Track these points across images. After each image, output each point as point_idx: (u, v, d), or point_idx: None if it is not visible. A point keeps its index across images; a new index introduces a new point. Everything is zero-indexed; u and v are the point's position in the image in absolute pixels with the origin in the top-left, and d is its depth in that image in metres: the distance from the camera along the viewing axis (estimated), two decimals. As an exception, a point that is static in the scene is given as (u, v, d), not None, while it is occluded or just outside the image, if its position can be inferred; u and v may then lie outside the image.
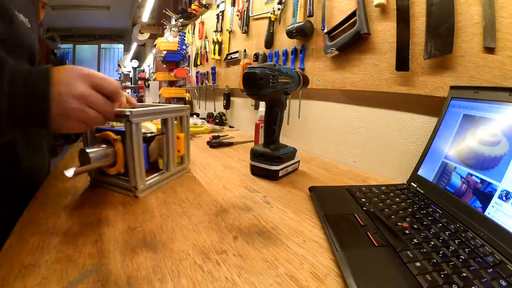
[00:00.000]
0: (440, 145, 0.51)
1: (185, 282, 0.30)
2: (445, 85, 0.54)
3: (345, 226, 0.39)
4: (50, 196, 0.50)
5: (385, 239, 0.36)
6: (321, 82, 0.84)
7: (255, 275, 0.31)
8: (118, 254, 0.34)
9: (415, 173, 0.54)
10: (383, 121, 0.69)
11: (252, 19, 1.18)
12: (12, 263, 0.32)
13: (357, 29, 0.67)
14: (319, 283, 0.30)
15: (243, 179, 0.63)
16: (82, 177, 0.60)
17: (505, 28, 0.45)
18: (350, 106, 0.78)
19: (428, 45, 0.54)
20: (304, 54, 0.89)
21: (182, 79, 2.36)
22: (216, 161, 0.78)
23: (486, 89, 0.45)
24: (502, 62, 0.46)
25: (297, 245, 0.37)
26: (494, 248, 0.34)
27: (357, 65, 0.72)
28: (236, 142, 1.03)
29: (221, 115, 1.50)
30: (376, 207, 0.45)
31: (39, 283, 0.29)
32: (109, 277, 0.30)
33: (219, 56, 1.51)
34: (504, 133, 0.39)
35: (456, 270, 0.30)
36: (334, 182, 0.63)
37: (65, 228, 0.39)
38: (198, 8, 1.72)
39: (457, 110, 0.49)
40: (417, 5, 0.57)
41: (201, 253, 0.35)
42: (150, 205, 0.48)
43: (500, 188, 0.37)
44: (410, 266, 0.30)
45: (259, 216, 0.45)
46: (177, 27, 2.24)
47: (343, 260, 0.32)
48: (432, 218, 0.41)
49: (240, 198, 0.51)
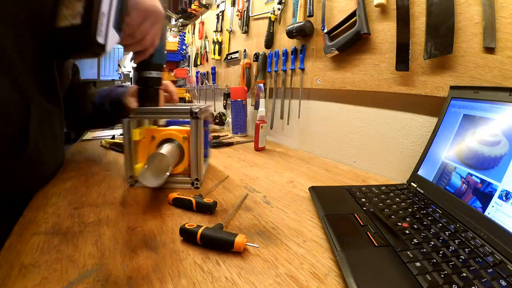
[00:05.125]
0: (440, 145, 0.51)
1: (185, 282, 0.30)
2: (445, 85, 0.54)
3: (345, 226, 0.39)
4: (50, 196, 0.50)
5: (385, 239, 0.36)
6: (321, 82, 0.84)
7: (255, 275, 0.31)
8: (118, 254, 0.34)
9: (415, 173, 0.54)
10: (383, 121, 0.69)
11: (252, 19, 1.18)
12: (12, 263, 0.32)
13: (357, 29, 0.67)
14: (319, 283, 0.30)
15: (243, 179, 0.63)
16: (82, 178, 0.61)
17: (505, 28, 0.45)
18: (350, 106, 0.78)
19: (428, 45, 0.54)
20: (304, 54, 0.89)
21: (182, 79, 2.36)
22: (216, 161, 0.78)
23: (486, 89, 0.45)
24: (502, 62, 0.46)
25: (297, 245, 0.37)
26: (494, 248, 0.34)
27: (357, 65, 0.72)
28: (236, 142, 1.03)
29: (221, 115, 1.50)
30: (376, 207, 0.45)
31: (39, 283, 0.29)
32: (109, 277, 0.30)
33: (219, 56, 1.51)
34: (504, 133, 0.39)
35: (456, 270, 0.30)
36: (334, 182, 0.63)
37: (65, 228, 0.39)
38: (198, 8, 1.72)
39: (457, 110, 0.49)
40: (417, 5, 0.57)
41: (201, 253, 0.35)
42: (150, 205, 0.48)
43: (500, 188, 0.37)
44: (410, 266, 0.30)
45: (259, 216, 0.45)
46: (177, 27, 2.24)
47: (343, 260, 0.32)
48: (432, 218, 0.41)
49: (240, 198, 0.51)
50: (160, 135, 0.54)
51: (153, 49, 0.49)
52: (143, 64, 0.51)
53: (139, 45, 0.46)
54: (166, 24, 0.50)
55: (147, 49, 0.48)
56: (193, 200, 0.45)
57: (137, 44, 0.46)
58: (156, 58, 0.51)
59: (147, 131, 0.54)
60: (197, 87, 1.87)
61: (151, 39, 0.46)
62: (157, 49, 0.50)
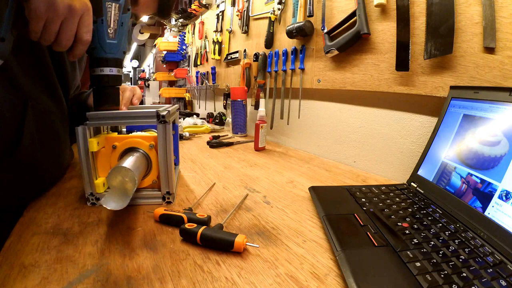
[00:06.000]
0: (440, 145, 0.51)
1: (185, 282, 0.30)
2: (445, 85, 0.54)
3: (345, 226, 0.39)
4: (50, 196, 0.50)
5: (385, 239, 0.36)
6: (321, 82, 0.84)
7: (255, 275, 0.31)
8: (118, 254, 0.34)
9: (415, 173, 0.54)
10: (383, 121, 0.69)
11: (252, 19, 1.18)
12: (12, 263, 0.32)
13: (357, 29, 0.67)
14: (319, 283, 0.30)
15: (243, 179, 0.63)
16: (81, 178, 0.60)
17: (505, 28, 0.45)
18: (350, 106, 0.78)
19: (428, 45, 0.54)
20: (304, 54, 0.89)
21: (182, 79, 2.36)
22: (216, 161, 0.78)
23: (486, 89, 0.45)
24: (502, 62, 0.46)
25: (297, 245, 0.37)
26: (494, 248, 0.34)
27: (357, 65, 0.72)
28: (236, 142, 1.03)
29: (221, 115, 1.50)
30: (376, 207, 0.45)
31: (39, 283, 0.29)
32: (109, 277, 0.30)
33: (219, 56, 1.51)
34: (504, 133, 0.39)
35: (456, 270, 0.30)
36: (334, 182, 0.63)
37: (65, 228, 0.39)
38: (198, 8, 1.72)
39: (457, 110, 0.49)
40: (417, 5, 0.57)
41: (201, 253, 0.35)
42: (150, 205, 0.48)
43: (500, 188, 0.37)
44: (410, 266, 0.30)
45: (259, 216, 0.45)
46: (177, 27, 2.24)
47: (343, 260, 0.32)
48: (432, 218, 0.41)
49: (240, 198, 0.51)
50: (122, 144, 0.46)
51: (83, 45, 0.40)
52: (90, 60, 0.44)
53: (59, 46, 0.39)
54: (110, 7, 0.42)
55: (74, 46, 0.40)
56: (184, 216, 0.40)
57: (56, 45, 0.39)
58: (98, 51, 0.43)
59: (107, 139, 0.46)
60: (197, 87, 1.87)
61: (66, 38, 0.38)
62: (97, 41, 0.42)
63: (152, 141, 0.46)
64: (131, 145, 0.46)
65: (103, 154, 0.47)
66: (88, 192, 0.46)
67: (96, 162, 0.46)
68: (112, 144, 0.46)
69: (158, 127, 0.45)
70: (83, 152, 0.44)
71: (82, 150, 0.44)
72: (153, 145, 0.46)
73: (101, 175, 0.47)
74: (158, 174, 0.47)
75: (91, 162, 0.45)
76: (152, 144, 0.46)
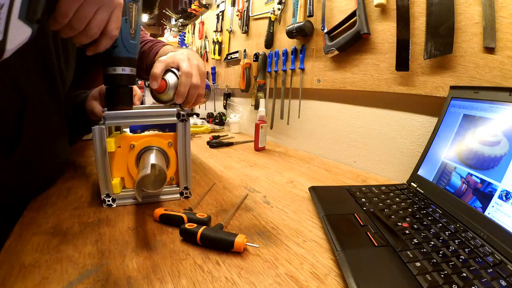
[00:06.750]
0: (440, 145, 0.51)
1: (185, 282, 0.30)
2: (445, 85, 0.54)
3: (345, 226, 0.39)
4: (50, 196, 0.50)
5: (385, 239, 0.36)
6: (321, 82, 0.84)
7: (255, 275, 0.31)
8: (118, 254, 0.34)
9: (415, 173, 0.54)
10: (383, 121, 0.69)
11: (252, 19, 1.18)
12: (12, 263, 0.32)
13: (357, 29, 0.67)
14: (319, 283, 0.30)
15: (243, 179, 0.63)
16: (82, 178, 0.61)
17: (505, 28, 0.45)
18: (350, 106, 0.78)
19: (428, 45, 0.54)
20: (304, 54, 0.89)
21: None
22: (216, 161, 0.78)
23: (486, 89, 0.45)
24: (502, 62, 0.46)
25: (297, 245, 0.37)
26: (494, 248, 0.34)
27: (357, 65, 0.72)
28: (236, 142, 1.03)
29: (221, 115, 1.50)
30: (376, 207, 0.45)
31: (39, 283, 0.29)
32: (109, 277, 0.30)
33: (219, 56, 1.51)
34: (504, 133, 0.39)
35: (456, 270, 0.30)
36: (334, 182, 0.63)
37: (65, 228, 0.39)
38: (198, 8, 1.72)
39: (457, 110, 0.49)
40: (417, 5, 0.57)
41: (201, 253, 0.35)
42: (150, 206, 0.48)
43: (500, 188, 0.37)
44: (410, 266, 0.30)
45: (259, 216, 0.45)
46: (177, 27, 2.23)
47: (343, 260, 0.32)
48: (432, 218, 0.41)
49: (240, 198, 0.51)
50: (140, 143, 0.46)
51: (110, 40, 0.39)
52: (106, 58, 0.43)
53: (84, 36, 0.36)
54: (131, 8, 0.41)
55: (100, 40, 0.38)
56: (184, 216, 0.40)
57: (82, 35, 0.36)
58: (120, 50, 0.42)
59: (124, 139, 0.46)
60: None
61: (97, 27, 0.36)
62: (120, 39, 0.41)
63: (170, 139, 0.47)
64: (150, 144, 0.47)
65: (119, 154, 0.46)
66: (104, 194, 0.45)
67: (112, 162, 0.46)
68: (129, 143, 0.46)
69: (178, 125, 0.47)
70: (100, 152, 0.43)
71: (99, 150, 0.43)
72: (172, 143, 0.48)
73: (116, 176, 0.47)
74: (175, 171, 0.49)
75: (108, 162, 0.44)
76: (171, 142, 0.47)
